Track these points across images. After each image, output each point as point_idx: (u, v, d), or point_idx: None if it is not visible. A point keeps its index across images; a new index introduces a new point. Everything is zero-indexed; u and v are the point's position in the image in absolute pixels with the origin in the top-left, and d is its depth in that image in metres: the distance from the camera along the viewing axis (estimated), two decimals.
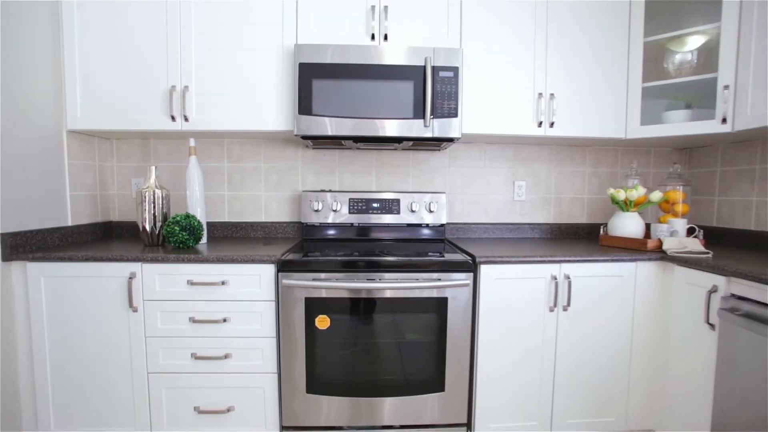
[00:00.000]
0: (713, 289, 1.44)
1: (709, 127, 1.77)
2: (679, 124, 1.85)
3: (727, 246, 1.97)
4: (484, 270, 1.63)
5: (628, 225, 1.88)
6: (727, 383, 1.38)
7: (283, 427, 1.63)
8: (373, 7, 1.83)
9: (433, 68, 1.77)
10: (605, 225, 2.08)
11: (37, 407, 1.61)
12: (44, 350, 1.59)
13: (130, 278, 1.56)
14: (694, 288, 1.54)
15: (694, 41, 1.89)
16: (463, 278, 1.59)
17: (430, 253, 1.70)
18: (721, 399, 1.40)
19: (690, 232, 1.88)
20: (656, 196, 1.88)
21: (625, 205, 1.91)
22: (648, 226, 2.04)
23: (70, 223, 1.89)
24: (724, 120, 1.72)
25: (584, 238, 2.24)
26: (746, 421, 1.30)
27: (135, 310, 1.59)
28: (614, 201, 1.92)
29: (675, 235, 1.83)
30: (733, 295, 1.40)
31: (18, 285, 1.59)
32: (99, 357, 1.60)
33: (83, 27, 1.80)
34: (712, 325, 1.45)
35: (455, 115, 1.79)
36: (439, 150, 2.22)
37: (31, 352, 1.60)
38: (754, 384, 1.27)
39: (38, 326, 1.58)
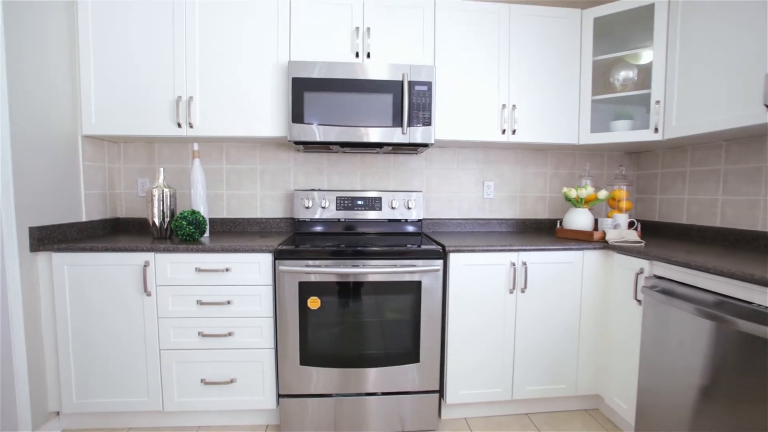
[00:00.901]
0: (640, 271, 1.74)
1: (645, 135, 2.07)
2: (621, 133, 2.15)
3: (663, 236, 2.28)
4: (453, 258, 1.90)
5: (579, 219, 2.18)
6: (649, 350, 1.67)
7: (279, 395, 1.87)
8: (357, 28, 2.09)
9: (410, 83, 2.04)
10: (561, 219, 2.37)
11: (60, 380, 1.83)
12: (67, 330, 1.81)
13: (145, 266, 1.79)
14: (627, 271, 1.83)
15: (635, 61, 2.19)
16: (435, 265, 1.86)
17: (407, 244, 1.96)
18: (646, 364, 1.69)
19: (630, 225, 2.19)
20: (603, 194, 2.17)
21: (577, 202, 2.20)
22: (597, 221, 2.34)
23: (84, 219, 2.10)
24: (656, 130, 2.03)
25: (546, 232, 2.53)
26: (665, 382, 1.59)
27: (149, 294, 1.81)
28: (567, 198, 2.21)
29: (618, 228, 2.13)
30: (655, 276, 1.69)
31: (43, 273, 1.80)
32: (116, 336, 1.83)
33: (97, 41, 2.01)
34: (639, 301, 1.74)
35: (429, 123, 2.05)
36: (416, 154, 2.48)
37: (56, 331, 1.82)
38: (670, 349, 1.57)
39: (62, 309, 1.80)
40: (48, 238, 1.82)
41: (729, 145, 2.01)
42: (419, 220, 2.42)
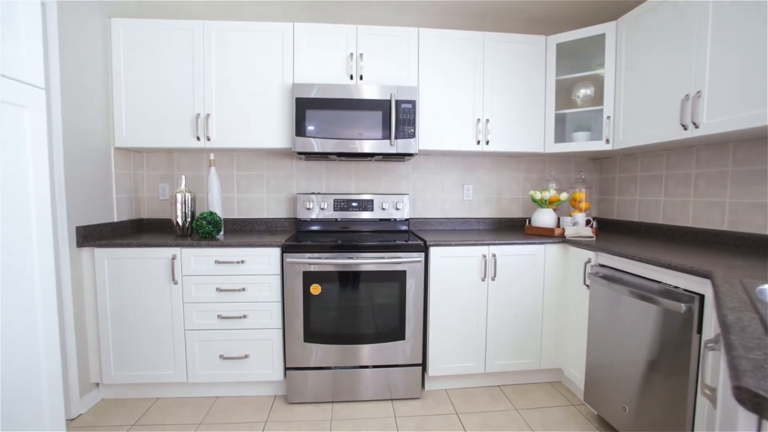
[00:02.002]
0: (588, 261, 2.08)
1: (599, 145, 2.42)
2: (580, 143, 2.50)
3: (619, 232, 2.62)
4: (433, 251, 2.24)
5: (544, 218, 2.52)
6: (594, 327, 2.01)
7: (286, 368, 2.21)
8: (351, 54, 2.43)
9: (397, 101, 2.38)
10: (530, 218, 2.71)
11: (101, 356, 2.16)
12: (107, 313, 2.14)
13: (172, 259, 2.12)
14: (579, 261, 2.18)
15: (590, 81, 2.54)
16: (417, 256, 2.19)
17: (395, 240, 2.30)
18: (592, 339, 2.03)
19: (587, 222, 2.53)
20: (564, 196, 2.52)
21: (542, 203, 2.54)
22: (559, 219, 2.67)
23: (116, 219, 2.43)
24: (607, 141, 2.37)
25: (518, 229, 2.87)
26: (607, 355, 1.93)
27: (176, 283, 2.15)
28: (534, 200, 2.56)
29: (576, 225, 2.47)
30: (599, 264, 2.03)
31: (87, 265, 2.13)
32: (148, 318, 2.16)
33: (127, 66, 2.34)
34: (587, 286, 2.09)
35: (413, 136, 2.39)
36: (403, 161, 2.82)
37: (97, 314, 2.15)
38: (610, 326, 1.91)
39: (102, 296, 2.13)
40: (90, 236, 2.15)
41: (669, 154, 2.35)
42: (407, 219, 2.76)
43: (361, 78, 2.43)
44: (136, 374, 2.18)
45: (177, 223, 2.36)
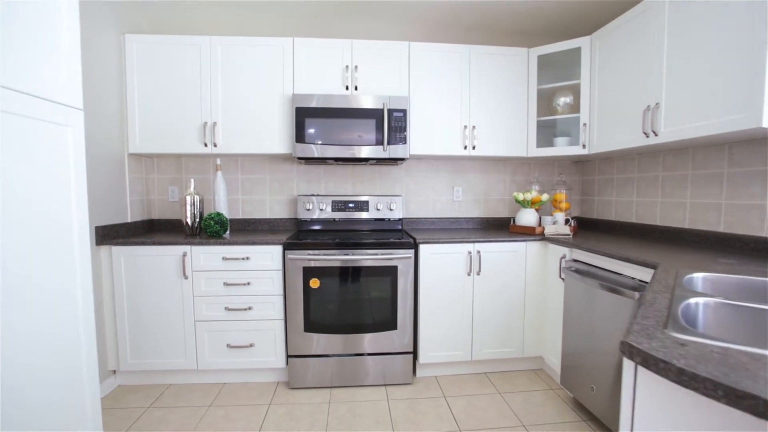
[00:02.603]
0: (563, 256, 2.28)
1: (576, 150, 2.61)
2: (559, 147, 2.69)
3: (598, 230, 2.82)
4: (422, 248, 2.44)
5: (526, 217, 2.71)
6: (568, 317, 2.21)
7: (288, 356, 2.40)
8: (347, 66, 2.62)
9: (389, 110, 2.57)
10: (514, 218, 2.91)
11: (118, 345, 2.35)
12: (123, 306, 2.33)
13: (183, 256, 2.32)
14: (556, 256, 2.37)
15: (569, 90, 2.73)
16: (408, 253, 2.39)
17: (388, 238, 2.50)
18: (567, 328, 2.22)
19: (566, 221, 2.72)
20: (545, 197, 2.71)
21: (525, 204, 2.74)
22: (541, 218, 2.87)
23: (129, 220, 2.63)
24: (584, 146, 2.57)
25: (504, 228, 3.07)
26: (580, 342, 2.13)
27: (186, 278, 2.34)
28: (517, 201, 2.75)
29: (556, 224, 2.67)
30: (573, 260, 2.23)
31: (105, 262, 2.33)
32: (161, 310, 2.35)
33: (140, 78, 2.54)
34: (563, 279, 2.28)
35: (404, 142, 2.59)
36: (397, 165, 3.02)
37: (114, 308, 2.34)
38: (582, 315, 2.10)
39: (119, 290, 2.32)
40: (107, 235, 2.34)
41: (640, 158, 2.55)
42: (400, 219, 2.95)
43: (356, 88, 2.63)
44: (150, 362, 2.37)
45: (187, 222, 2.56)
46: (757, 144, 1.82)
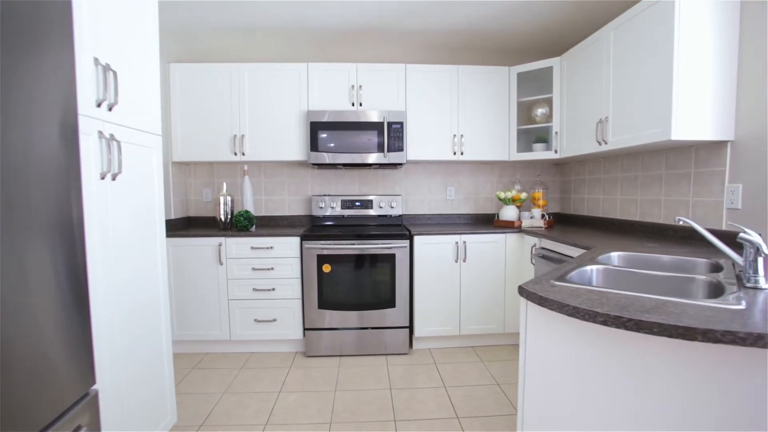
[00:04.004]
0: (534, 245, 2.71)
1: (549, 155, 3.04)
2: (536, 153, 3.12)
3: (572, 225, 3.24)
4: (417, 239, 2.90)
5: (508, 213, 3.15)
6: None
7: (305, 329, 2.89)
8: (353, 85, 3.10)
9: (389, 123, 3.04)
10: (498, 213, 3.34)
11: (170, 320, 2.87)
12: (171, 288, 2.85)
13: (219, 246, 2.82)
14: (529, 245, 2.80)
15: (545, 102, 3.16)
16: (404, 243, 2.85)
17: (388, 231, 2.96)
18: None
19: (542, 217, 3.15)
20: (524, 195, 3.14)
21: (506, 201, 3.17)
22: (521, 213, 3.29)
23: (173, 217, 3.15)
24: (556, 151, 3.00)
25: (490, 222, 3.50)
26: None
27: (221, 264, 2.85)
28: (499, 198, 3.19)
29: (533, 219, 3.10)
30: (542, 248, 2.66)
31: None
32: (201, 290, 2.86)
33: (182, 97, 3.06)
34: (533, 264, 2.71)
35: (402, 150, 3.05)
36: (397, 169, 3.48)
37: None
38: None
39: (168, 274, 2.84)
40: None
41: (604, 162, 2.96)
42: (400, 215, 3.41)
43: (360, 104, 3.10)
44: (192, 332, 2.89)
45: (220, 219, 3.07)
46: (684, 150, 2.23)
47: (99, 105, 1.37)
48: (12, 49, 0.86)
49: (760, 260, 1.17)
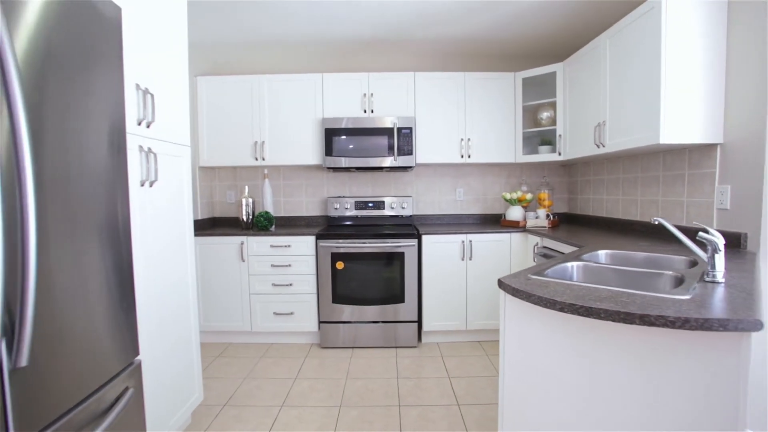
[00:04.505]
0: (536, 244, 2.84)
1: (553, 157, 3.15)
2: (541, 155, 3.23)
3: (576, 224, 3.33)
4: (425, 238, 3.06)
5: (513, 213, 3.27)
6: None
7: (320, 322, 3.10)
8: (365, 94, 3.29)
9: (398, 128, 3.21)
10: (505, 214, 3.46)
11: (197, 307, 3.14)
12: (196, 281, 3.11)
13: (241, 244, 3.07)
14: (531, 244, 2.93)
15: (550, 106, 3.27)
16: (412, 242, 3.02)
17: (398, 231, 3.13)
18: None
19: (547, 217, 3.26)
20: (530, 196, 3.26)
21: (512, 202, 3.30)
22: (527, 213, 3.40)
23: (199, 217, 3.42)
24: (559, 153, 3.11)
25: (498, 222, 3.62)
26: None
27: (243, 261, 3.09)
28: (505, 199, 3.32)
29: (538, 219, 3.21)
30: (543, 246, 2.78)
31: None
32: (225, 285, 3.11)
33: (208, 107, 3.32)
34: (535, 262, 2.84)
35: (411, 153, 3.22)
36: (407, 171, 3.65)
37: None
38: None
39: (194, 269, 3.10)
40: None
41: (607, 163, 3.05)
42: (410, 216, 3.59)
43: (372, 111, 3.29)
44: (217, 324, 3.14)
45: (242, 219, 3.32)
46: (679, 153, 2.32)
47: (139, 123, 1.60)
48: (74, 79, 1.09)
49: (717, 257, 1.30)
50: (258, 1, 2.55)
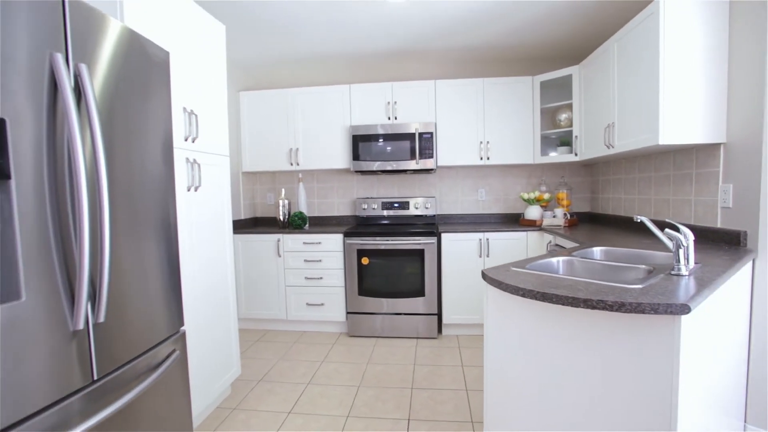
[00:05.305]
0: (549, 242, 2.95)
1: (570, 157, 3.23)
2: (558, 155, 3.32)
3: (595, 223, 3.38)
4: (444, 236, 3.26)
5: (531, 213, 3.39)
6: None
7: (347, 312, 3.38)
8: (389, 102, 3.54)
9: (420, 133, 3.43)
10: (524, 213, 3.57)
11: (238, 301, 3.54)
12: (240, 275, 3.51)
13: (278, 241, 3.42)
14: (546, 242, 3.04)
15: (568, 107, 3.35)
16: (432, 240, 3.23)
17: (420, 229, 3.35)
18: None
19: (565, 216, 3.33)
20: (547, 196, 3.36)
21: (530, 201, 3.41)
22: (544, 213, 3.48)
23: (243, 217, 3.83)
24: (576, 154, 3.18)
25: (517, 221, 3.73)
26: None
27: (280, 256, 3.44)
28: (523, 199, 3.43)
29: (555, 218, 3.30)
30: (555, 244, 2.89)
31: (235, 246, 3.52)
32: (263, 278, 3.48)
33: (249, 118, 3.71)
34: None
35: (432, 157, 3.43)
36: (431, 173, 3.86)
37: (234, 275, 3.53)
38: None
39: (237, 264, 3.50)
40: (234, 228, 3.54)
41: (625, 162, 3.09)
42: (434, 215, 3.79)
43: (395, 118, 3.54)
44: (256, 312, 3.52)
45: (279, 219, 3.68)
46: (687, 152, 2.36)
47: (186, 139, 1.95)
48: (135, 107, 1.42)
49: (681, 252, 1.42)
50: (292, 31, 2.88)
